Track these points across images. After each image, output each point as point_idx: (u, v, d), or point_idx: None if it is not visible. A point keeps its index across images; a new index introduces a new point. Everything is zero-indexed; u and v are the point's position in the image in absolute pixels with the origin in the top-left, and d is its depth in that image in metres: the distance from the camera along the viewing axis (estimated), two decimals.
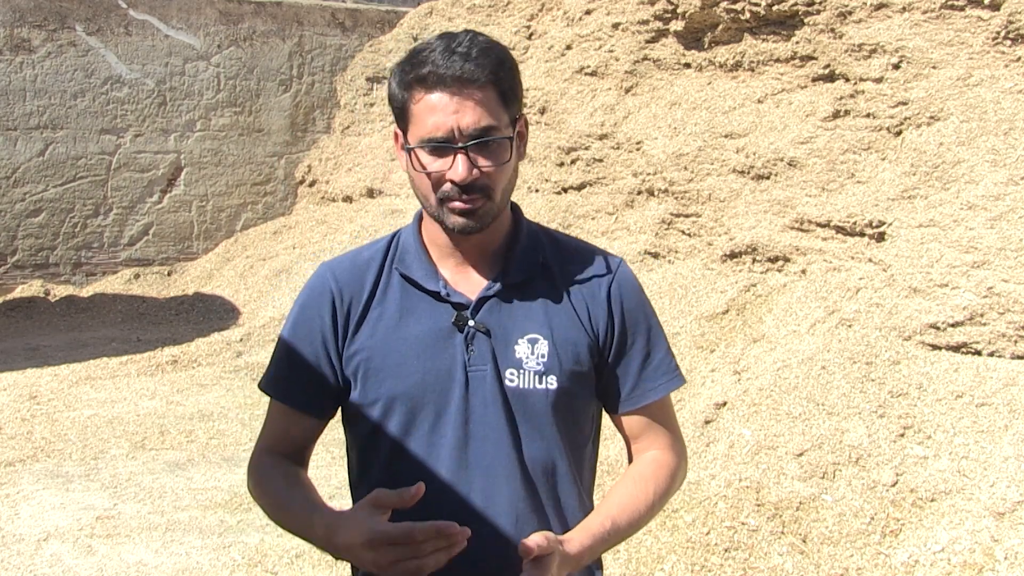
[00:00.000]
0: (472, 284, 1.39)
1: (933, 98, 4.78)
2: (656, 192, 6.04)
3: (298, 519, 1.33)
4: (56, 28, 8.92)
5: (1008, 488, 3.27)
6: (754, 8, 5.76)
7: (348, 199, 9.22)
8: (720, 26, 6.08)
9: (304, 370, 1.42)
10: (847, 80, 5.30)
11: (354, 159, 9.49)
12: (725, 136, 5.77)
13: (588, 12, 7.26)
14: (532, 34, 8.29)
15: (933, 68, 4.86)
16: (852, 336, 4.25)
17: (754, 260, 5.37)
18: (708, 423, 4.10)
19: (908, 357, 4.04)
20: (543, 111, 7.23)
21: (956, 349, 4.04)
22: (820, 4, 5.47)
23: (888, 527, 3.33)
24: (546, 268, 1.41)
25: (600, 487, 1.50)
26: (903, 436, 3.66)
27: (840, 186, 5.09)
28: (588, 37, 7.09)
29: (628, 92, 6.70)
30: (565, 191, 6.84)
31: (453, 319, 1.36)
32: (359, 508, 1.21)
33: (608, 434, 1.59)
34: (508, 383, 1.35)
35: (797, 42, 5.65)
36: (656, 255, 5.90)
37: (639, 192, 6.17)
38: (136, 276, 9.21)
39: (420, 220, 1.46)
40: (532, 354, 1.35)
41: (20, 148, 8.86)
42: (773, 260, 5.29)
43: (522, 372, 1.35)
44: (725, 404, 4.17)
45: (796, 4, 5.58)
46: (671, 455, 1.44)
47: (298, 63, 10.01)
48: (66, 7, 8.95)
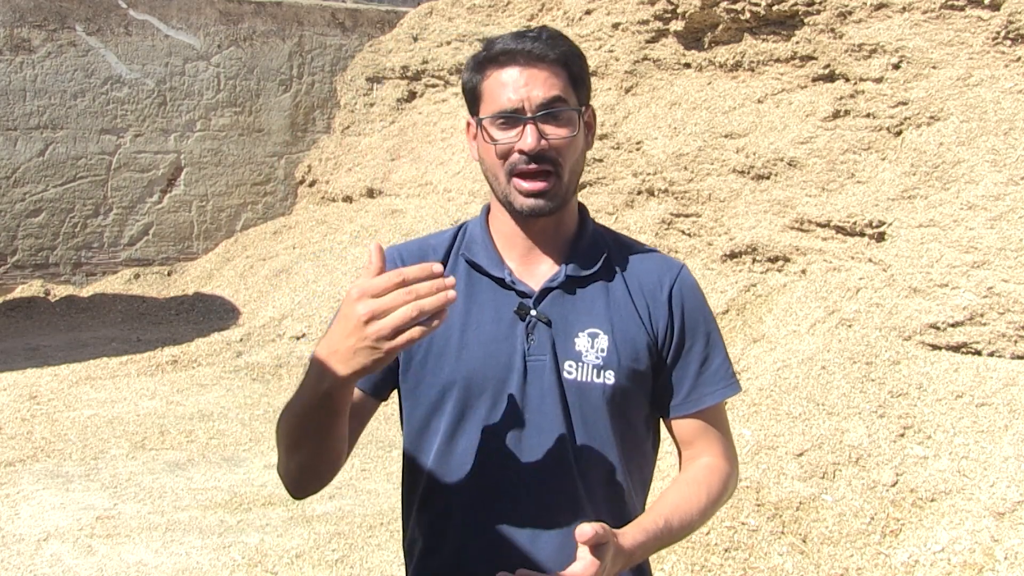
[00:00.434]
0: (536, 276, 1.40)
1: (933, 98, 4.78)
2: (656, 192, 6.04)
3: (302, 395, 1.21)
4: (56, 28, 8.92)
5: (1008, 488, 3.27)
6: (754, 8, 5.77)
7: (348, 199, 9.22)
8: (720, 26, 6.08)
9: None
10: (847, 80, 5.30)
11: (354, 159, 9.49)
12: (725, 136, 5.77)
13: (588, 12, 7.26)
14: None
15: (933, 68, 4.86)
16: (852, 336, 4.25)
17: (754, 260, 5.37)
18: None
19: (908, 357, 4.04)
20: None
21: (956, 349, 4.04)
22: (820, 4, 5.47)
23: (888, 527, 3.33)
24: (609, 265, 1.42)
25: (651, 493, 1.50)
26: (903, 436, 3.66)
27: (840, 186, 5.09)
28: (588, 37, 7.09)
29: (628, 92, 6.70)
30: None
31: (516, 308, 1.36)
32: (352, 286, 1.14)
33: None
34: (566, 375, 1.35)
35: (797, 42, 5.65)
36: None
37: (639, 192, 6.17)
38: (136, 276, 9.21)
39: (487, 212, 1.47)
40: (592, 348, 1.36)
41: (20, 148, 8.86)
42: (773, 260, 5.29)
43: (581, 365, 1.36)
44: (725, 404, 4.17)
45: (796, 4, 5.58)
46: (724, 462, 1.45)
47: (298, 63, 10.01)
48: (66, 7, 8.95)
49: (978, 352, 3.99)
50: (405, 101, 9.55)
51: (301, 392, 1.21)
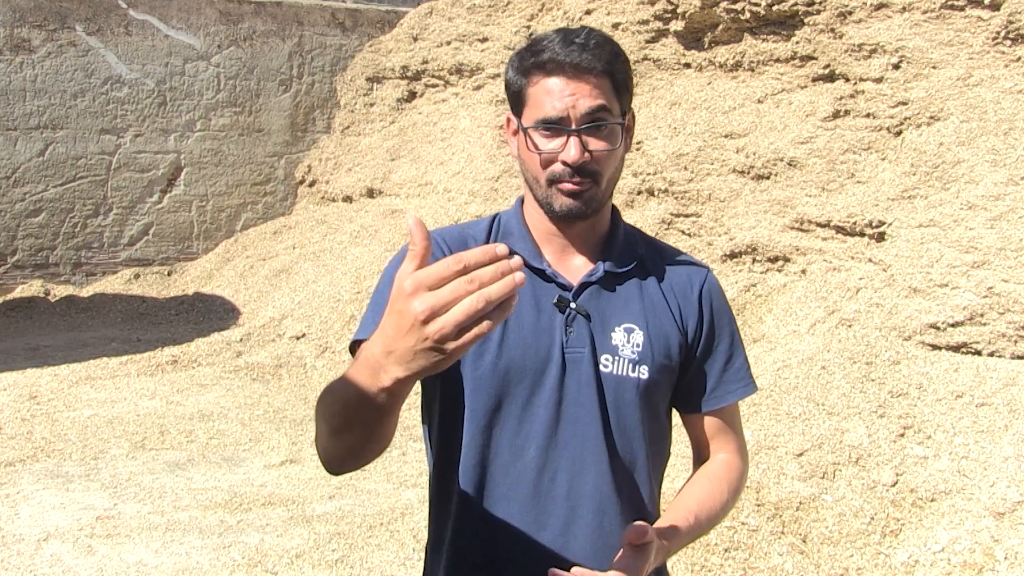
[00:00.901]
0: (572, 270, 1.42)
1: (933, 98, 4.78)
2: (656, 192, 6.04)
3: (347, 386, 1.08)
4: (56, 28, 8.92)
5: (1008, 488, 3.27)
6: (754, 8, 5.77)
7: (348, 199, 9.22)
8: (720, 26, 6.08)
9: None
10: (847, 80, 5.30)
11: (354, 159, 9.49)
12: (725, 136, 5.77)
13: (588, 12, 7.26)
14: (532, 34, 8.29)
15: (933, 68, 4.86)
16: (852, 336, 4.25)
17: (754, 260, 5.37)
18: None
19: (908, 357, 4.04)
20: None
21: (956, 349, 4.04)
22: (820, 4, 5.47)
23: (888, 527, 3.33)
24: (643, 264, 1.46)
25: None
26: (903, 436, 3.67)
27: (840, 186, 5.09)
28: None
29: None
30: None
31: (555, 300, 1.38)
32: (399, 272, 0.98)
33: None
34: (603, 368, 1.38)
35: (797, 42, 5.65)
36: None
37: (639, 192, 6.17)
38: (136, 276, 9.21)
39: (522, 205, 1.48)
40: (628, 343, 1.39)
41: (20, 148, 8.86)
42: (773, 260, 5.29)
43: (617, 359, 1.38)
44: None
45: (796, 4, 5.58)
46: (739, 459, 1.50)
47: (298, 63, 10.01)
48: (66, 7, 8.95)
49: (978, 352, 3.99)
50: (405, 101, 9.55)
51: (350, 384, 1.08)
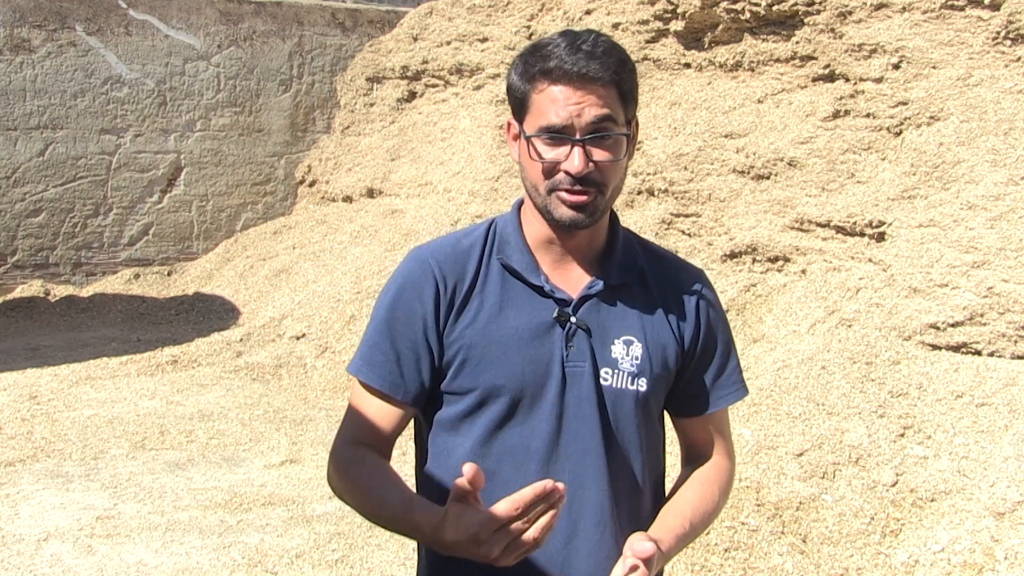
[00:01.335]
0: (570, 281, 1.41)
1: (933, 98, 4.78)
2: (656, 192, 6.04)
3: (398, 515, 1.30)
4: (56, 28, 8.92)
5: (1008, 488, 3.27)
6: (754, 8, 5.77)
7: (348, 199, 9.22)
8: (720, 26, 6.08)
9: (402, 355, 1.38)
10: (847, 80, 5.30)
11: (354, 159, 9.49)
12: (725, 136, 5.77)
13: (588, 12, 7.26)
14: (532, 34, 8.29)
15: (933, 68, 4.86)
16: (852, 336, 4.25)
17: (754, 260, 5.37)
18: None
19: (908, 357, 4.04)
20: None
21: (956, 349, 4.04)
22: (820, 4, 5.47)
23: (888, 527, 3.33)
24: (642, 274, 1.44)
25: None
26: (903, 436, 3.66)
27: (840, 186, 5.09)
28: None
29: None
30: None
31: (555, 314, 1.37)
32: (450, 509, 1.18)
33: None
34: (603, 381, 1.38)
35: (797, 42, 5.65)
36: None
37: (639, 192, 6.17)
38: (136, 276, 9.21)
39: (519, 209, 1.46)
40: (627, 355, 1.39)
41: (20, 148, 8.86)
42: (773, 260, 5.29)
43: (617, 372, 1.38)
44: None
45: (796, 4, 5.58)
46: (728, 461, 1.50)
47: (298, 63, 10.01)
48: (66, 7, 8.95)
49: (978, 352, 3.99)
50: (405, 101, 9.54)
51: (392, 519, 1.31)
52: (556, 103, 1.31)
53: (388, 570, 3.51)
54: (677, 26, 6.35)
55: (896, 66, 5.03)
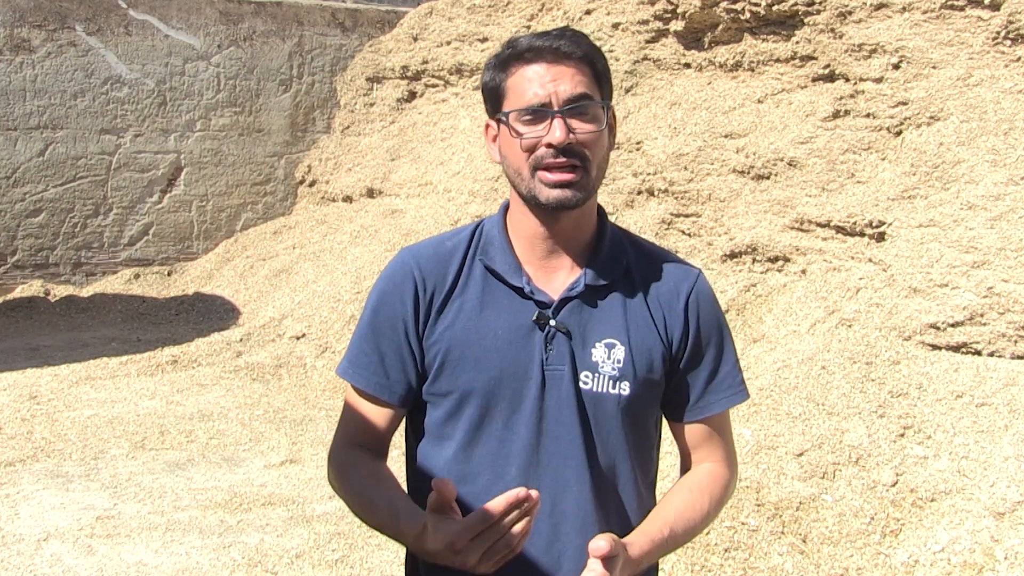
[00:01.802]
0: (555, 283, 1.39)
1: (933, 98, 4.78)
2: (656, 192, 6.04)
3: (385, 522, 1.33)
4: (56, 28, 8.92)
5: (1008, 488, 3.27)
6: (754, 8, 5.77)
7: (348, 199, 9.22)
8: (720, 26, 6.08)
9: (386, 357, 1.40)
10: (847, 80, 5.30)
11: (354, 159, 9.49)
12: (725, 136, 5.77)
13: (588, 12, 7.26)
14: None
15: (933, 68, 4.86)
16: (852, 336, 4.25)
17: (754, 260, 5.37)
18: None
19: (908, 357, 4.04)
20: None
21: (956, 349, 4.04)
22: (820, 4, 5.47)
23: (888, 527, 3.33)
24: (628, 273, 1.42)
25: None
26: (903, 436, 3.66)
27: (840, 186, 5.09)
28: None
29: (628, 92, 6.70)
30: None
31: (535, 317, 1.36)
32: (428, 517, 1.21)
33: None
34: (583, 385, 1.36)
35: (797, 42, 5.65)
36: None
37: (639, 192, 6.17)
38: (136, 276, 9.21)
39: (505, 212, 1.44)
40: (608, 359, 1.36)
41: (20, 148, 8.86)
42: (773, 260, 5.29)
43: (597, 376, 1.36)
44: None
45: (796, 4, 5.58)
46: (725, 468, 1.46)
47: (298, 63, 10.01)
48: (66, 7, 8.95)
49: (978, 352, 3.99)
50: (405, 101, 9.55)
51: (382, 524, 1.33)
52: (532, 81, 1.31)
53: (388, 570, 3.51)
54: (677, 26, 6.36)
55: (896, 66, 5.03)
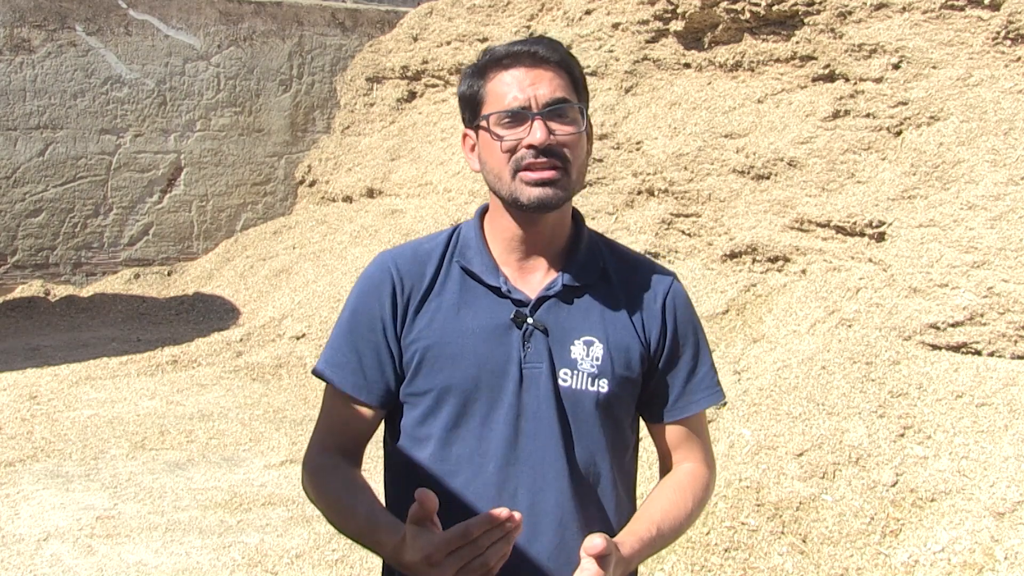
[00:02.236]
0: (532, 283, 1.40)
1: (933, 98, 4.78)
2: (656, 192, 6.04)
3: (362, 532, 1.34)
4: (56, 28, 8.91)
5: (1008, 488, 3.27)
6: (754, 8, 5.77)
7: (348, 199, 9.22)
8: (720, 26, 6.08)
9: (364, 357, 1.41)
10: (847, 80, 5.30)
11: (354, 159, 9.49)
12: (725, 136, 5.77)
13: (588, 12, 7.26)
14: (532, 34, 8.29)
15: (933, 68, 4.86)
16: (852, 336, 4.25)
17: (754, 260, 5.37)
18: (708, 423, 4.10)
19: (908, 357, 4.04)
20: None
21: (956, 349, 4.04)
22: (820, 4, 5.47)
23: (888, 527, 3.33)
24: (605, 275, 1.43)
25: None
26: (903, 436, 3.66)
27: (840, 186, 5.09)
28: (588, 37, 7.09)
29: (628, 92, 6.70)
30: None
31: (512, 315, 1.37)
32: (407, 528, 1.21)
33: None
34: (562, 383, 1.37)
35: (797, 42, 5.65)
36: (656, 255, 5.90)
37: (639, 192, 6.17)
38: (136, 276, 9.21)
39: (482, 216, 1.46)
40: (587, 356, 1.37)
41: (20, 148, 8.86)
42: (773, 260, 5.29)
43: (576, 373, 1.37)
44: (725, 404, 4.17)
45: (796, 4, 5.58)
46: (705, 468, 1.47)
47: (298, 63, 10.01)
48: (66, 7, 8.95)
49: (978, 352, 3.99)
50: (405, 101, 9.55)
51: (358, 533, 1.35)
52: (511, 85, 1.32)
53: None
54: (677, 26, 6.35)
55: (896, 66, 5.03)
